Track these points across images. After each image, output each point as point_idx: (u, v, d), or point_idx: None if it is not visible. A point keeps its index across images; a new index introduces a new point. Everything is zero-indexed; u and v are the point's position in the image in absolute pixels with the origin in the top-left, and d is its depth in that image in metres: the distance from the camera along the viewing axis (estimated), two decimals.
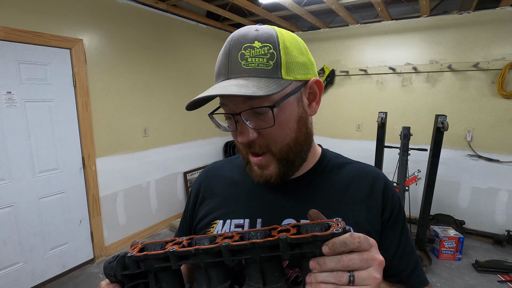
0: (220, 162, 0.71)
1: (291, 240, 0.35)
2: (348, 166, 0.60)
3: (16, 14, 2.00)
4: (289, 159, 0.51)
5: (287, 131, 0.49)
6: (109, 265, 0.42)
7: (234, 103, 0.47)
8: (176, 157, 3.39)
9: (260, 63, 0.46)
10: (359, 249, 0.33)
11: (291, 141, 0.50)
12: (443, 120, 2.41)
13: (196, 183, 0.68)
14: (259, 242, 0.36)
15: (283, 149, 0.50)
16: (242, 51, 0.46)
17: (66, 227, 2.42)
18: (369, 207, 0.55)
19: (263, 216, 0.55)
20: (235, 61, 0.46)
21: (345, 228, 0.34)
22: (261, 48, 0.46)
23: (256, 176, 0.53)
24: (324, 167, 0.59)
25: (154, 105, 3.07)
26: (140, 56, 2.87)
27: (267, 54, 0.46)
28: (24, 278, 2.19)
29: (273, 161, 0.51)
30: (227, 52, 0.47)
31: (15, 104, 2.05)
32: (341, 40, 3.65)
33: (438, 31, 3.06)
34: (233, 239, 0.38)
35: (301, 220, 0.53)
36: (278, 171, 0.51)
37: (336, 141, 3.80)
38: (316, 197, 0.56)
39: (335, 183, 0.57)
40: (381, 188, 0.57)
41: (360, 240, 0.33)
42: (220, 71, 0.48)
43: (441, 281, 2.38)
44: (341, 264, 0.33)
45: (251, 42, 0.46)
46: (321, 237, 0.34)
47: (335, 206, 0.55)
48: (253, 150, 0.50)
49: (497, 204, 2.96)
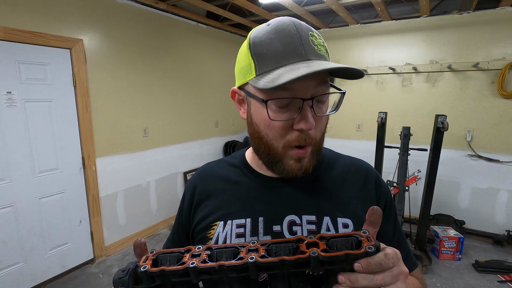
0: (213, 163, 0.69)
1: (323, 258, 0.34)
2: (341, 160, 0.63)
3: (16, 14, 2.00)
4: (320, 148, 0.53)
5: (326, 120, 0.53)
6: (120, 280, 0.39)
7: (306, 87, 0.46)
8: (176, 157, 3.39)
9: (324, 52, 0.48)
10: (389, 267, 0.34)
11: (324, 131, 0.53)
12: (443, 120, 2.41)
13: (190, 185, 0.66)
14: (289, 260, 0.35)
15: (322, 138, 0.53)
16: (310, 37, 0.47)
17: (66, 227, 2.42)
18: (364, 199, 0.57)
19: (265, 215, 0.55)
20: (308, 44, 0.46)
21: (376, 244, 0.34)
22: (320, 39, 0.49)
23: (293, 171, 0.51)
24: (320, 162, 0.60)
25: (154, 105, 3.07)
26: (140, 56, 2.87)
27: (324, 45, 0.49)
28: (24, 278, 2.19)
29: (311, 152, 0.51)
30: (296, 33, 0.46)
31: (15, 104, 2.05)
32: (341, 40, 3.65)
33: (438, 31, 3.06)
34: (259, 254, 0.36)
35: (302, 216, 0.54)
36: (314, 161, 0.52)
37: (336, 141, 3.80)
38: (315, 193, 0.57)
39: (332, 177, 0.59)
40: (373, 181, 0.60)
41: (394, 260, 0.34)
42: (292, 51, 0.46)
43: (441, 281, 2.38)
44: (374, 282, 0.33)
45: (312, 31, 0.48)
46: (354, 255, 0.34)
47: (334, 200, 0.56)
48: (308, 141, 0.49)
49: (497, 204, 2.96)
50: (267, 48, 0.46)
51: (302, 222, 0.53)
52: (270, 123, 0.49)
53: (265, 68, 0.47)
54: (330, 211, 0.54)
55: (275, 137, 0.50)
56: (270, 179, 0.58)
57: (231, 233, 0.55)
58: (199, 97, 3.59)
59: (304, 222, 0.53)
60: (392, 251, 0.35)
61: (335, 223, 0.53)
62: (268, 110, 0.47)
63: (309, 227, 0.53)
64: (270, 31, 0.47)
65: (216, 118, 3.93)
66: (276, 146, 0.51)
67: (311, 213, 0.54)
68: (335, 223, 0.53)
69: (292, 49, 0.45)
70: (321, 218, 0.54)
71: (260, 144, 0.53)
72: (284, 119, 0.48)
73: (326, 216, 0.54)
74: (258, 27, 0.51)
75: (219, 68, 3.85)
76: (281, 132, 0.49)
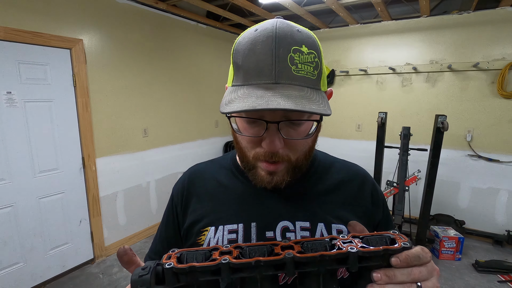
0: (203, 164, 0.66)
1: (362, 254, 0.34)
2: (336, 165, 0.62)
3: (16, 14, 2.00)
4: (301, 166, 0.51)
5: (309, 141, 0.49)
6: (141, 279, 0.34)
7: (274, 111, 0.43)
8: (176, 157, 3.39)
9: (308, 71, 0.43)
10: (426, 262, 0.34)
11: (307, 150, 0.50)
12: (443, 120, 2.41)
13: (179, 187, 0.63)
14: (329, 255, 0.34)
15: (300, 157, 0.49)
16: (291, 54, 0.41)
17: (66, 227, 2.42)
18: (359, 206, 0.57)
19: (258, 220, 0.53)
20: (284, 64, 0.41)
21: (409, 241, 0.35)
22: (308, 55, 0.43)
23: (263, 182, 0.50)
24: (315, 169, 0.59)
25: (154, 105, 3.07)
26: (140, 56, 2.87)
27: (313, 63, 0.43)
28: (24, 278, 2.19)
29: (286, 168, 0.49)
30: (272, 49, 0.41)
31: (15, 104, 2.05)
32: (341, 40, 3.65)
33: (438, 31, 3.06)
34: (296, 250, 0.35)
35: (296, 222, 0.53)
36: (288, 177, 0.50)
37: (336, 141, 3.80)
38: (309, 199, 0.55)
39: (327, 183, 0.58)
40: (369, 189, 0.59)
41: (430, 254, 0.35)
42: (261, 70, 0.42)
43: (441, 281, 2.38)
44: (412, 277, 0.33)
45: (299, 46, 0.42)
46: (392, 251, 0.33)
47: (328, 206, 0.55)
48: (274, 159, 0.47)
49: (497, 204, 2.96)
50: (243, 60, 0.44)
51: (296, 228, 0.52)
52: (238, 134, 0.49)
53: (238, 81, 0.45)
54: (324, 218, 0.53)
55: (246, 146, 0.50)
56: None
57: (222, 238, 0.53)
58: (199, 97, 3.59)
59: (297, 228, 0.52)
60: (426, 248, 0.35)
61: (329, 230, 0.52)
62: (237, 122, 0.48)
63: (302, 234, 0.52)
64: (250, 41, 0.43)
65: (216, 118, 3.93)
66: (248, 155, 0.50)
67: (305, 219, 0.53)
68: (329, 230, 0.52)
69: (262, 67, 0.42)
70: (315, 225, 0.52)
71: (237, 149, 0.53)
72: (251, 134, 0.47)
73: (320, 223, 0.53)
74: (247, 31, 0.47)
75: (219, 68, 3.84)
76: (250, 144, 0.49)
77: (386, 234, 0.36)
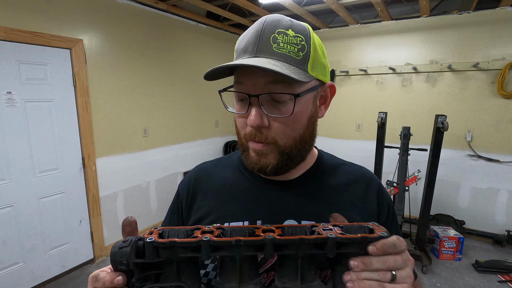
0: (210, 162, 0.67)
1: (341, 240, 0.35)
2: (343, 167, 0.62)
3: (16, 14, 2.00)
4: (291, 154, 0.50)
5: (297, 125, 0.49)
6: (121, 250, 0.35)
7: (254, 83, 0.45)
8: (176, 157, 3.39)
9: (291, 51, 0.45)
10: (401, 250, 0.36)
11: (297, 137, 0.50)
12: (443, 120, 2.41)
13: (185, 185, 0.63)
14: (308, 239, 0.34)
15: (289, 143, 0.49)
16: (275, 35, 0.45)
17: (66, 227, 2.42)
18: (364, 207, 0.57)
19: (263, 218, 0.54)
20: (266, 42, 0.45)
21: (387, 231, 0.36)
22: (294, 37, 0.46)
23: (251, 163, 0.51)
24: (321, 168, 0.59)
25: (154, 105, 3.07)
26: (140, 56, 2.87)
27: (298, 45, 0.46)
28: (24, 278, 2.19)
29: (274, 152, 0.49)
30: (259, 31, 0.46)
31: (15, 104, 2.05)
32: (341, 40, 3.65)
33: (438, 31, 3.06)
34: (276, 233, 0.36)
35: (301, 221, 0.53)
36: (276, 162, 0.50)
37: (336, 141, 3.80)
38: (315, 198, 0.56)
39: (332, 184, 0.58)
40: (375, 191, 0.59)
41: (405, 244, 0.36)
42: (246, 48, 0.46)
43: (441, 281, 2.38)
44: (387, 264, 0.35)
45: (285, 29, 0.46)
46: (370, 238, 0.35)
47: (333, 206, 0.55)
48: (258, 138, 0.48)
49: (497, 204, 2.96)
50: (238, 44, 0.49)
51: None
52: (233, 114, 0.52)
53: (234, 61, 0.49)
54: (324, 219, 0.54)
55: (239, 128, 0.52)
56: (268, 181, 0.57)
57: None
58: (199, 97, 3.59)
59: None
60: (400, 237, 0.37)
61: None
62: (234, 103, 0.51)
63: None
64: (247, 31, 0.49)
65: (216, 118, 3.93)
66: (241, 136, 0.52)
67: (311, 219, 0.53)
68: None
69: (247, 44, 0.47)
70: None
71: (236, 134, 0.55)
72: (238, 111, 0.50)
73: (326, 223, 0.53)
74: None
75: None
76: (241, 124, 0.51)
77: (365, 225, 0.38)
